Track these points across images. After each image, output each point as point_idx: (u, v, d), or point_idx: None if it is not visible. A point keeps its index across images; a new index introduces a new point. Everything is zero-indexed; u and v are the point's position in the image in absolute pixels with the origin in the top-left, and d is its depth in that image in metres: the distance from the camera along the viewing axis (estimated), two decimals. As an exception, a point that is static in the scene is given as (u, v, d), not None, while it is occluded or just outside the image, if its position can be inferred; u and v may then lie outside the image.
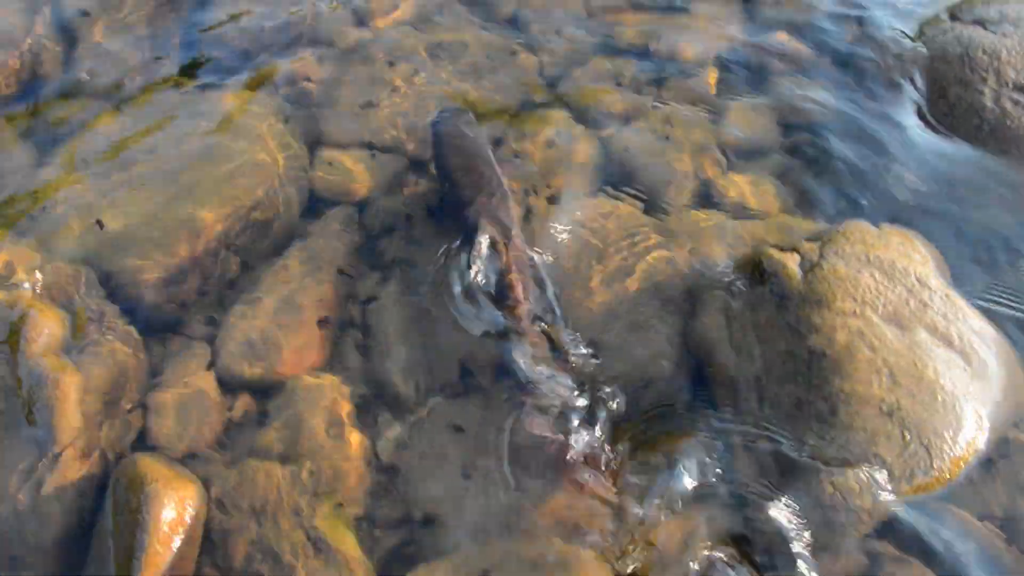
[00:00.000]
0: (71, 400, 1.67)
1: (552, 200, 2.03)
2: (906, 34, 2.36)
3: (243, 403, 1.73)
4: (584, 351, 1.66)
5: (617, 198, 2.03)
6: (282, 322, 1.81)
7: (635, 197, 2.03)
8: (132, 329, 1.81)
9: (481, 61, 2.40)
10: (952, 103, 2.13)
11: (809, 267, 1.64)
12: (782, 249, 1.72)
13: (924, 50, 2.24)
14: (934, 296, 1.61)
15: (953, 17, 2.32)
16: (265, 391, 1.73)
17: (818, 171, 2.10)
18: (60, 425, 1.63)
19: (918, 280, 1.63)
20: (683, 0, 2.58)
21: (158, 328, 1.84)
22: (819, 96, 2.26)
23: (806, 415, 1.48)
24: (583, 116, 2.25)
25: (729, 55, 2.40)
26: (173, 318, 1.85)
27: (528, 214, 2.02)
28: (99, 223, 1.96)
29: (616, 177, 2.10)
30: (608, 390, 1.58)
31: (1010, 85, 2.08)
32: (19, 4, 2.60)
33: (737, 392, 1.57)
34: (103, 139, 2.21)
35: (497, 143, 2.16)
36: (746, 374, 1.58)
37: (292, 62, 2.40)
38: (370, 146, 2.16)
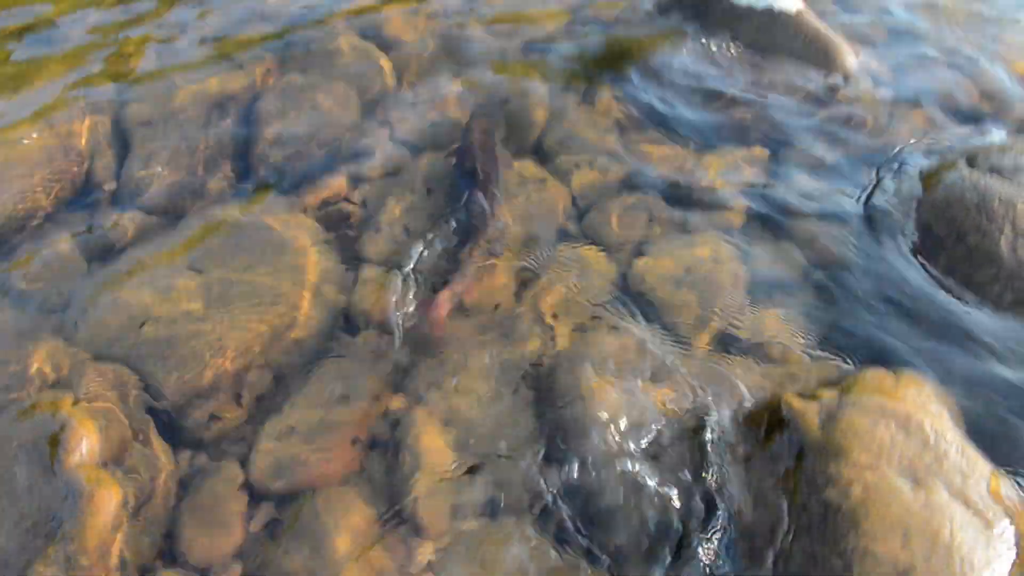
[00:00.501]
0: (103, 513, 1.72)
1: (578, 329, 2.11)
2: (925, 178, 2.45)
3: (268, 514, 1.78)
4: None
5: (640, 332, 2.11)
6: (313, 441, 1.87)
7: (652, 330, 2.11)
8: (166, 443, 1.89)
9: (512, 189, 2.52)
10: (970, 249, 2.18)
11: (827, 417, 1.68)
12: (801, 396, 1.76)
13: (943, 195, 2.31)
14: (950, 450, 1.63)
15: (971, 164, 2.39)
16: (292, 506, 1.78)
17: (838, 313, 2.15)
18: (89, 538, 1.69)
19: (934, 433, 1.65)
20: (714, 138, 2.70)
21: (191, 443, 1.91)
22: (840, 238, 2.33)
23: (820, 570, 1.49)
24: (608, 244, 2.36)
25: (754, 194, 2.50)
26: (206, 433, 1.92)
27: (552, 340, 2.10)
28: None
29: (638, 308, 2.19)
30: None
31: (1025, 236, 2.15)
32: (82, 109, 2.79)
33: (753, 542, 1.59)
34: (151, 247, 2.34)
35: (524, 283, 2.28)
36: (761, 524, 1.60)
37: (332, 181, 2.54)
38: (400, 267, 2.28)
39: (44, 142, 2.65)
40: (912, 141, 2.64)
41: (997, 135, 2.73)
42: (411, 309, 2.16)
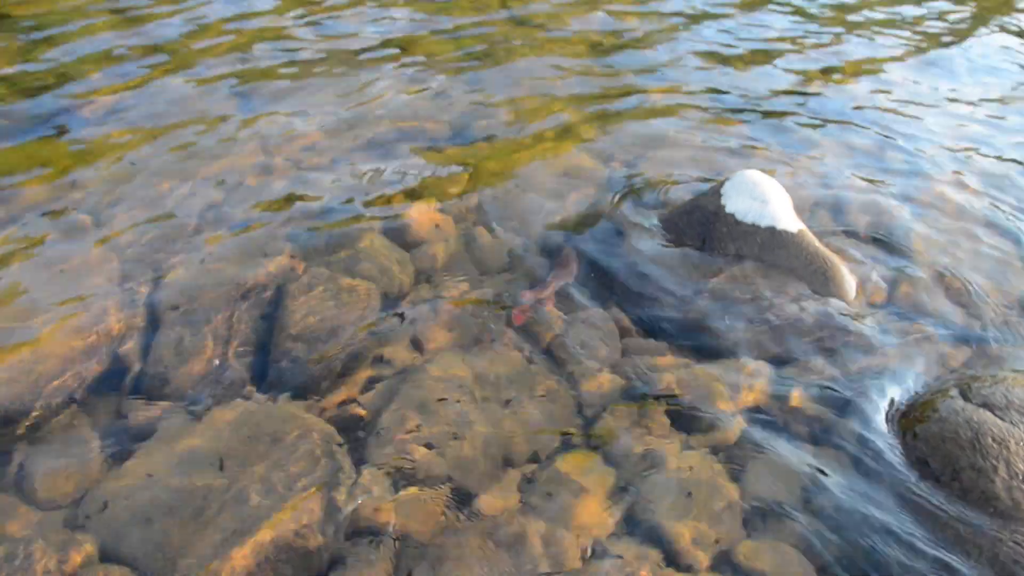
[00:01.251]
0: None
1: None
2: (919, 407, 2.53)
3: None
4: None
5: (639, 557, 2.14)
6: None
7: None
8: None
9: (521, 396, 2.61)
10: (966, 488, 2.23)
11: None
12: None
13: (937, 430, 2.38)
14: None
15: (964, 396, 2.48)
16: None
17: (839, 543, 2.19)
18: None
19: None
20: (716, 352, 2.81)
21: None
22: (836, 466, 2.39)
23: None
24: (611, 457, 2.43)
25: (754, 410, 2.58)
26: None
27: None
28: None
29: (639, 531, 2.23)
30: None
31: (1020, 476, 2.19)
32: (115, 293, 2.95)
33: None
34: (167, 445, 2.42)
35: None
36: None
37: (346, 384, 2.65)
38: (408, 476, 2.34)
39: (77, 324, 2.80)
40: (907, 364, 2.75)
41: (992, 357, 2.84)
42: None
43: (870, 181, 3.92)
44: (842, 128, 4.45)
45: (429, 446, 2.44)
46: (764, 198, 3.11)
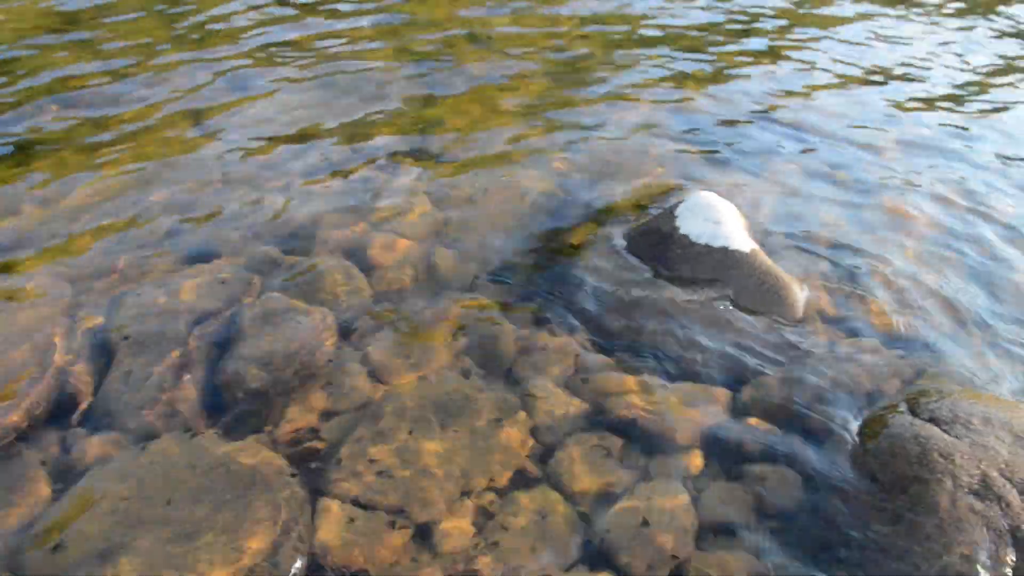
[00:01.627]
0: None
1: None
2: (869, 423, 2.57)
3: None
4: None
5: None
6: None
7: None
8: None
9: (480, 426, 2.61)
10: (913, 501, 2.27)
11: None
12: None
13: (887, 445, 2.42)
14: None
15: (912, 411, 2.53)
16: None
17: (791, 559, 2.21)
18: None
19: None
20: (672, 376, 2.84)
21: None
22: (790, 483, 2.42)
23: None
24: (569, 494, 2.43)
25: (710, 431, 2.61)
26: None
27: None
28: None
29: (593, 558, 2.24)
30: None
31: (965, 488, 2.24)
32: (63, 322, 2.90)
33: None
34: (115, 479, 2.37)
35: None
36: None
37: (300, 414, 2.62)
38: (364, 508, 2.32)
39: (23, 356, 2.75)
40: (858, 380, 2.79)
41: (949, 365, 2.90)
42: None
43: (826, 199, 4.00)
44: (799, 149, 4.54)
45: (386, 476, 2.42)
46: (717, 219, 3.15)
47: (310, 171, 3.95)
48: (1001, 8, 7.49)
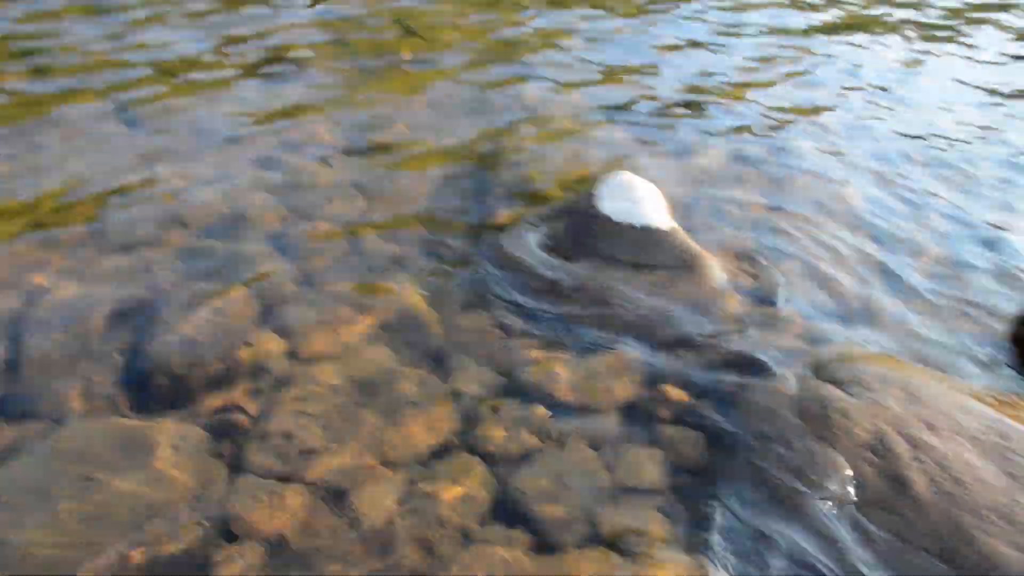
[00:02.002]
0: None
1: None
2: (776, 389, 2.69)
3: None
4: None
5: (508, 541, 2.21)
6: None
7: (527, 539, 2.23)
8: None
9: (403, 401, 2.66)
10: (815, 458, 2.38)
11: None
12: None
13: (792, 406, 2.54)
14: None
15: (816, 374, 2.65)
16: None
17: (698, 516, 2.31)
18: None
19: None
20: (591, 349, 2.93)
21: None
22: (701, 448, 2.52)
23: None
24: (488, 454, 2.50)
25: (627, 401, 2.70)
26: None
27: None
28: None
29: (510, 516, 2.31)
30: None
31: (859, 444, 2.36)
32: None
33: None
34: (35, 462, 2.36)
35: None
36: None
37: (223, 392, 2.64)
38: (285, 481, 2.35)
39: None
40: (769, 348, 2.92)
41: (855, 331, 3.04)
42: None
43: (749, 177, 4.15)
44: (728, 134, 4.69)
45: (308, 451, 2.45)
46: (637, 199, 3.25)
47: (236, 162, 3.97)
48: None
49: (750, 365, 2.82)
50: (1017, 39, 7.05)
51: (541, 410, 2.65)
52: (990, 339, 3.11)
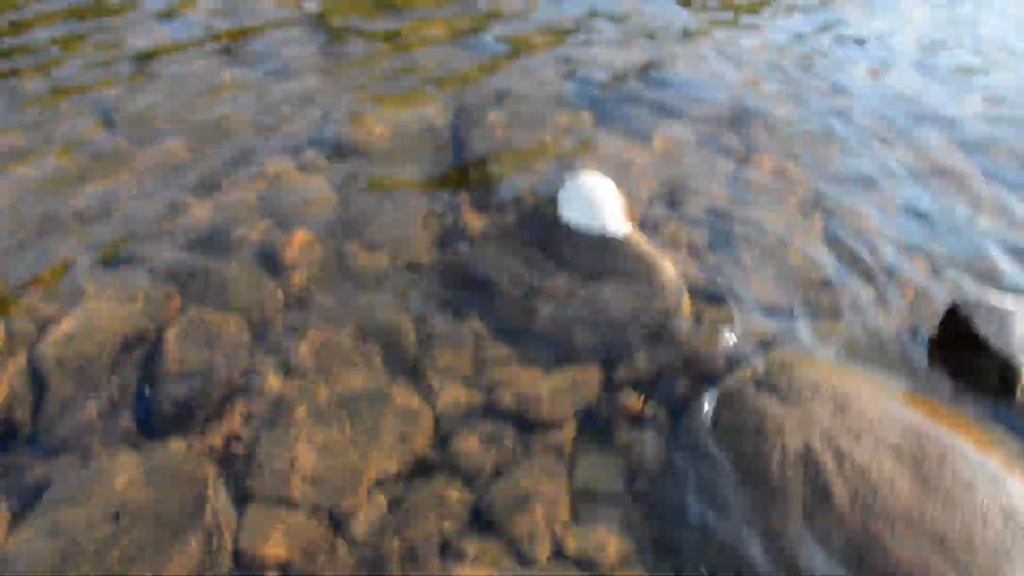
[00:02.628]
0: None
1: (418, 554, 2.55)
2: (724, 396, 2.96)
3: None
4: None
5: (477, 557, 2.55)
6: None
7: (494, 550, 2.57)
8: None
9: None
10: (750, 472, 2.68)
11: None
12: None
13: (730, 417, 2.82)
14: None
15: (756, 383, 2.92)
16: None
17: (653, 528, 2.63)
18: None
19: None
20: (551, 358, 3.19)
21: None
22: (656, 457, 2.82)
23: None
24: (463, 475, 2.81)
25: (586, 410, 2.99)
26: None
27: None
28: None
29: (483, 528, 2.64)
30: None
31: (791, 457, 2.66)
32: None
33: None
34: (62, 501, 2.68)
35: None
36: None
37: (224, 422, 2.93)
38: (287, 507, 2.67)
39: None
40: (720, 353, 3.18)
41: (802, 333, 3.29)
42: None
43: (708, 166, 4.30)
44: (686, 112, 4.79)
45: (303, 477, 2.76)
46: (596, 204, 3.44)
47: (218, 167, 4.12)
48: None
49: (697, 373, 3.09)
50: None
51: (506, 424, 2.95)
52: (926, 335, 3.36)
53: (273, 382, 3.07)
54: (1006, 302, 3.10)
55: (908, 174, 4.42)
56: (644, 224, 3.70)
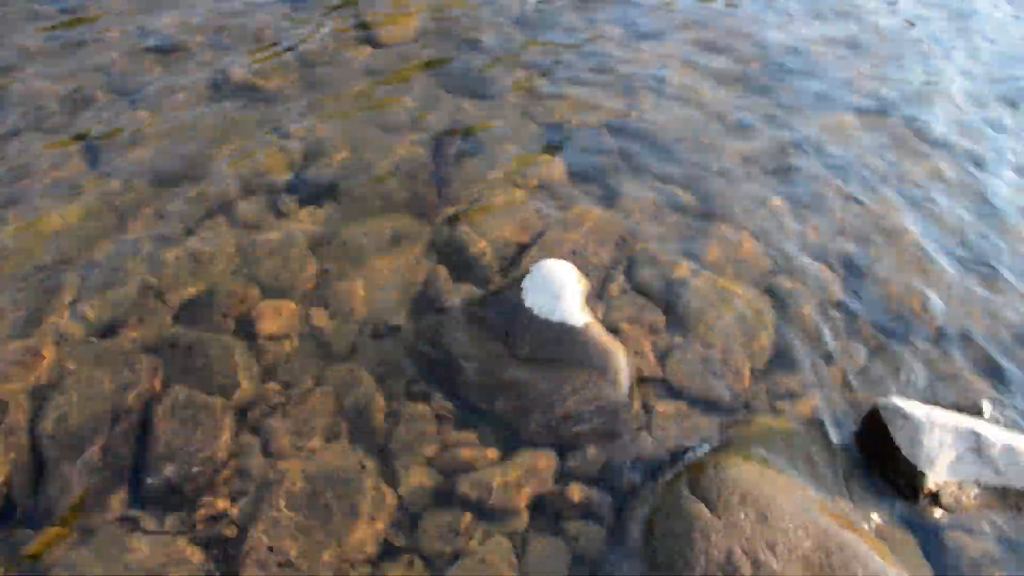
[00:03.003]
0: None
1: None
2: (661, 495, 3.29)
3: None
4: None
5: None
6: None
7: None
8: None
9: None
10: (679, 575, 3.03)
11: None
12: None
13: (662, 523, 3.15)
14: None
15: (688, 485, 3.24)
16: None
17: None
18: None
19: None
20: (515, 437, 3.48)
21: None
22: (597, 552, 3.15)
23: None
24: (425, 557, 3.13)
25: (538, 500, 3.30)
26: None
27: None
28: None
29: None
30: None
31: (715, 564, 3.00)
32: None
33: None
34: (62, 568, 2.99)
35: None
36: None
37: (213, 502, 3.22)
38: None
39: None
40: (665, 448, 3.48)
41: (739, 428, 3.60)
42: None
43: (671, 229, 4.54)
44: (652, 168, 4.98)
45: (286, 562, 3.07)
46: (558, 292, 3.67)
47: (199, 224, 4.32)
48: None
49: (642, 466, 3.41)
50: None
51: (464, 510, 3.27)
52: (851, 435, 3.67)
53: (257, 463, 3.36)
54: (918, 411, 3.42)
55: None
56: (601, 300, 3.96)
